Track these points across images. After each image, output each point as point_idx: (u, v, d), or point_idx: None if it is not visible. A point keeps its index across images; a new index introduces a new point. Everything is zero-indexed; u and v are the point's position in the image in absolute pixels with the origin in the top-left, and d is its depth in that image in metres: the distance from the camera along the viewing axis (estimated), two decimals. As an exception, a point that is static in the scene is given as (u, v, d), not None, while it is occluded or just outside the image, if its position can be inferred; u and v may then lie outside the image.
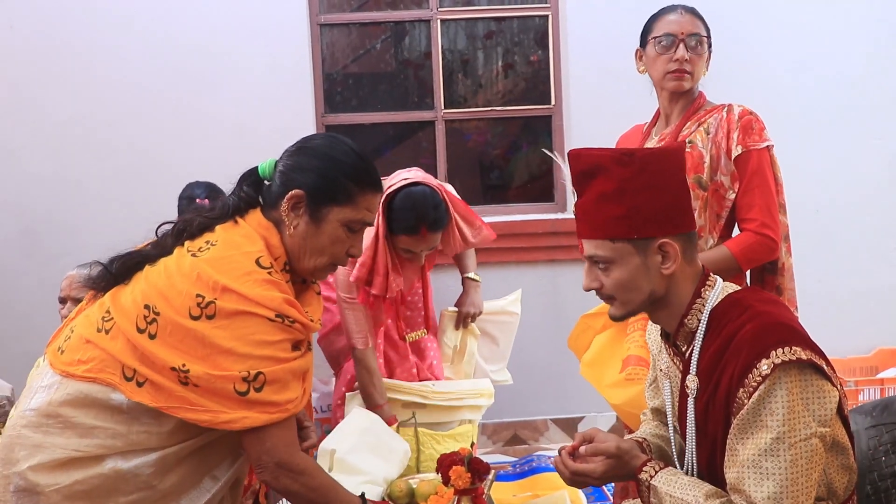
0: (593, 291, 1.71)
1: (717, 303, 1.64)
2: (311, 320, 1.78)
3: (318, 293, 1.92)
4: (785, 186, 2.41)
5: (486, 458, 2.54)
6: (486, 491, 2.15)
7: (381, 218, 2.72)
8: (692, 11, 2.42)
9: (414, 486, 2.47)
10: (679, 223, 1.64)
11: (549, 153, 1.93)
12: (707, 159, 2.32)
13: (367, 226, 1.82)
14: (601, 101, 3.95)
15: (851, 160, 4.15)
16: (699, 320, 1.64)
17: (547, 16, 4.19)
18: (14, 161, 3.90)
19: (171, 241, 1.78)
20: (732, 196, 2.32)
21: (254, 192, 1.82)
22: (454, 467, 2.17)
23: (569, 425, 4.11)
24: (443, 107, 4.18)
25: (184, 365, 1.62)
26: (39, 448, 1.64)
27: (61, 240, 3.84)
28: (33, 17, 3.86)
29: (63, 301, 2.81)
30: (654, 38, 2.40)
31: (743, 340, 1.54)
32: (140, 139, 3.86)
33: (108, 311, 1.71)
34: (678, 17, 2.39)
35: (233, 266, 1.68)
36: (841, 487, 1.59)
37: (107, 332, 1.68)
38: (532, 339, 3.99)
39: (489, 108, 4.27)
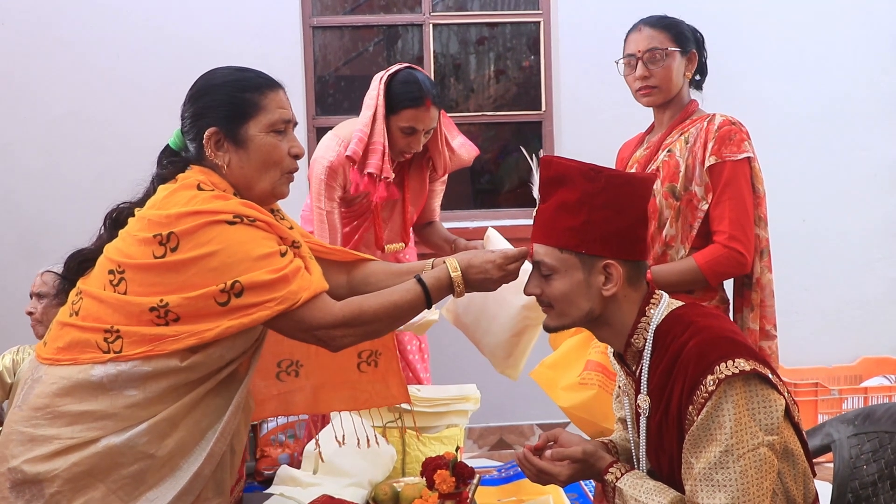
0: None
1: (661, 320, 1.65)
2: (283, 217, 1.81)
3: (292, 227, 1.91)
4: (771, 196, 2.40)
5: (472, 463, 2.55)
6: (470, 495, 2.16)
7: (380, 99, 2.72)
8: (653, 24, 2.39)
9: (398, 490, 2.47)
10: (629, 250, 1.66)
11: (525, 154, 1.94)
12: (682, 168, 2.30)
13: (288, 123, 1.82)
14: (592, 107, 3.97)
15: (837, 171, 4.19)
16: (645, 339, 1.65)
17: (539, 22, 4.21)
18: (5, 157, 3.89)
19: (108, 234, 1.81)
20: (705, 207, 2.29)
21: (178, 159, 1.84)
22: (439, 471, 2.18)
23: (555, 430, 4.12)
24: (434, 111, 4.19)
25: (161, 300, 1.63)
26: (33, 441, 1.64)
27: (52, 236, 3.83)
28: (25, 13, 3.86)
29: (31, 296, 2.84)
30: (621, 59, 2.43)
31: (688, 357, 1.55)
32: (132, 137, 3.86)
33: (78, 294, 1.74)
34: (636, 34, 2.40)
35: (177, 198, 1.70)
36: (799, 495, 1.60)
37: (76, 313, 1.71)
38: (519, 343, 4.00)
39: (480, 113, 4.28)
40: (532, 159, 1.84)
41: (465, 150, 2.99)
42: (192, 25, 3.89)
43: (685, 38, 2.39)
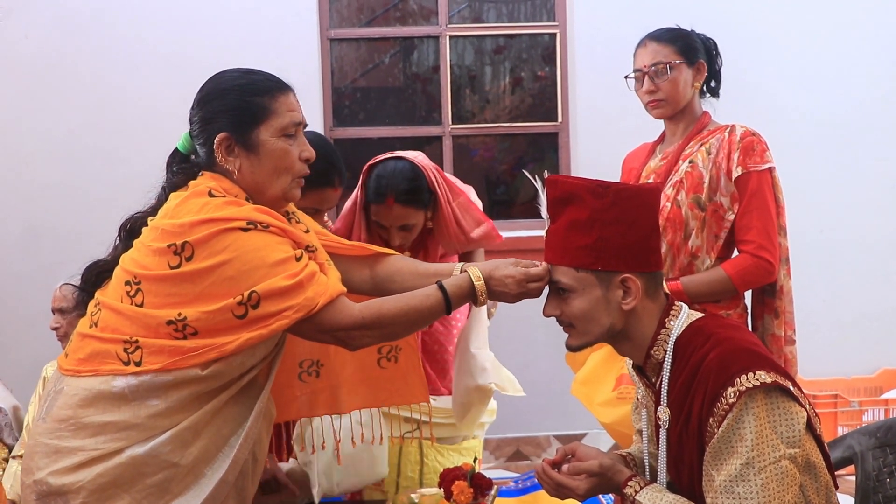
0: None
1: (681, 332, 1.65)
2: (297, 220, 1.80)
3: (307, 231, 1.88)
4: (789, 207, 2.41)
5: (489, 474, 2.53)
6: (488, 506, 2.15)
7: (360, 189, 2.65)
8: (657, 38, 2.42)
9: (416, 501, 2.47)
10: (644, 262, 1.66)
11: (529, 176, 1.92)
12: (706, 179, 2.32)
13: (299, 125, 1.81)
14: (608, 118, 3.97)
15: (855, 181, 4.16)
16: (665, 351, 1.64)
17: (555, 33, 4.22)
18: (23, 168, 3.93)
19: (123, 245, 1.81)
20: (732, 217, 2.32)
21: (188, 166, 1.83)
22: (457, 482, 2.18)
23: (571, 441, 4.10)
24: (450, 122, 4.20)
25: (179, 314, 1.62)
26: (58, 453, 1.65)
27: (67, 247, 3.85)
28: (48, 27, 3.91)
29: (53, 311, 2.85)
30: (630, 74, 2.46)
31: (708, 369, 1.55)
32: (149, 149, 3.84)
33: (96, 305, 1.75)
34: (642, 49, 2.43)
35: (189, 206, 1.69)
36: None
37: (95, 325, 1.71)
38: (535, 355, 3.99)
39: (496, 125, 4.29)
40: (536, 180, 1.84)
41: (486, 240, 2.85)
42: (210, 37, 3.92)
43: (691, 50, 2.40)
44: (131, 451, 1.64)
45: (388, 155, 2.66)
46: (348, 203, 2.71)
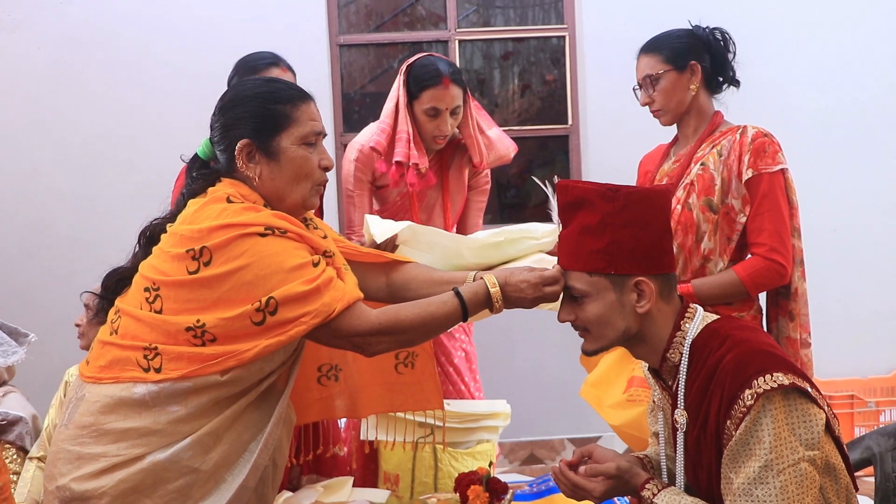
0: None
1: (696, 334, 1.64)
2: (315, 227, 1.82)
3: (325, 237, 1.90)
4: (802, 206, 2.39)
5: (503, 478, 2.54)
6: (504, 511, 2.15)
7: (401, 89, 2.74)
8: (646, 49, 2.44)
9: (431, 506, 2.47)
10: (657, 264, 1.66)
11: (539, 182, 1.92)
12: (718, 182, 2.31)
13: (319, 135, 1.83)
14: (618, 120, 3.96)
15: (869, 180, 4.14)
16: (681, 354, 1.64)
17: (564, 36, 4.21)
18: (37, 178, 3.95)
19: (142, 252, 1.82)
20: (744, 219, 2.30)
21: (208, 171, 1.85)
22: (472, 486, 2.18)
23: (586, 445, 4.08)
24: (460, 126, 4.20)
25: (198, 321, 1.64)
26: (80, 460, 1.66)
27: (82, 256, 3.88)
28: (59, 39, 3.93)
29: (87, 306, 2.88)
30: (636, 86, 2.48)
31: (725, 371, 1.54)
32: (162, 156, 3.88)
33: (116, 312, 1.76)
34: (637, 63, 2.45)
35: (207, 212, 1.71)
36: None
37: (116, 332, 1.73)
38: (549, 357, 3.98)
39: (506, 128, 4.28)
40: (546, 186, 1.84)
41: (502, 142, 2.97)
42: (219, 45, 3.93)
43: (678, 55, 2.39)
44: (153, 456, 1.65)
45: (420, 55, 2.83)
46: (386, 112, 2.80)
